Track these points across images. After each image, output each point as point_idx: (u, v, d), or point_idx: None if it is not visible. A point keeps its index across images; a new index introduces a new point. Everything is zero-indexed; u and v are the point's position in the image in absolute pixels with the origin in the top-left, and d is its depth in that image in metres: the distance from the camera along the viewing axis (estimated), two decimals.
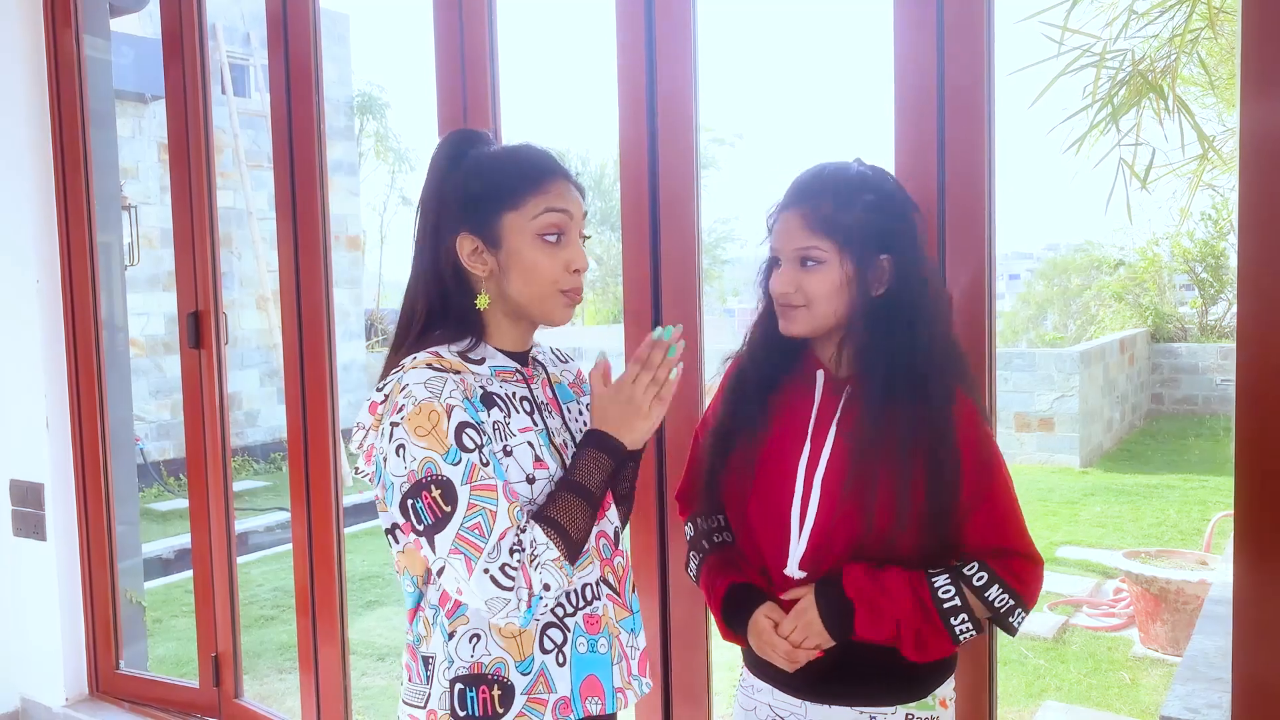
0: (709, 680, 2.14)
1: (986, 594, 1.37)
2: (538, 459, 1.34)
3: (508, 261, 1.33)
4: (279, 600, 5.78)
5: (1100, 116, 4.03)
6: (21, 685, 3.31)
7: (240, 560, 3.08)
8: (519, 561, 1.24)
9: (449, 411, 1.25)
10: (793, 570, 1.42)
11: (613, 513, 1.39)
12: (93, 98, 3.13)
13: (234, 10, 10.78)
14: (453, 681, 1.33)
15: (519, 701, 1.32)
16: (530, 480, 1.32)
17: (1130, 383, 10.92)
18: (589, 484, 1.31)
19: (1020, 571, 1.39)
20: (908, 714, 1.41)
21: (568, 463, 1.35)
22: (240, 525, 6.51)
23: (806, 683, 1.44)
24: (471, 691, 1.32)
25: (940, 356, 1.40)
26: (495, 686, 1.32)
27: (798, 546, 1.41)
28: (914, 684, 1.43)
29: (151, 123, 9.89)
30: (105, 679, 3.22)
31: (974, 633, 1.38)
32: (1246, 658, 1.52)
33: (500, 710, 1.31)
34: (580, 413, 1.48)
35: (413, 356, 1.32)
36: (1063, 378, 9.25)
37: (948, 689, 1.46)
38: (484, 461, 1.25)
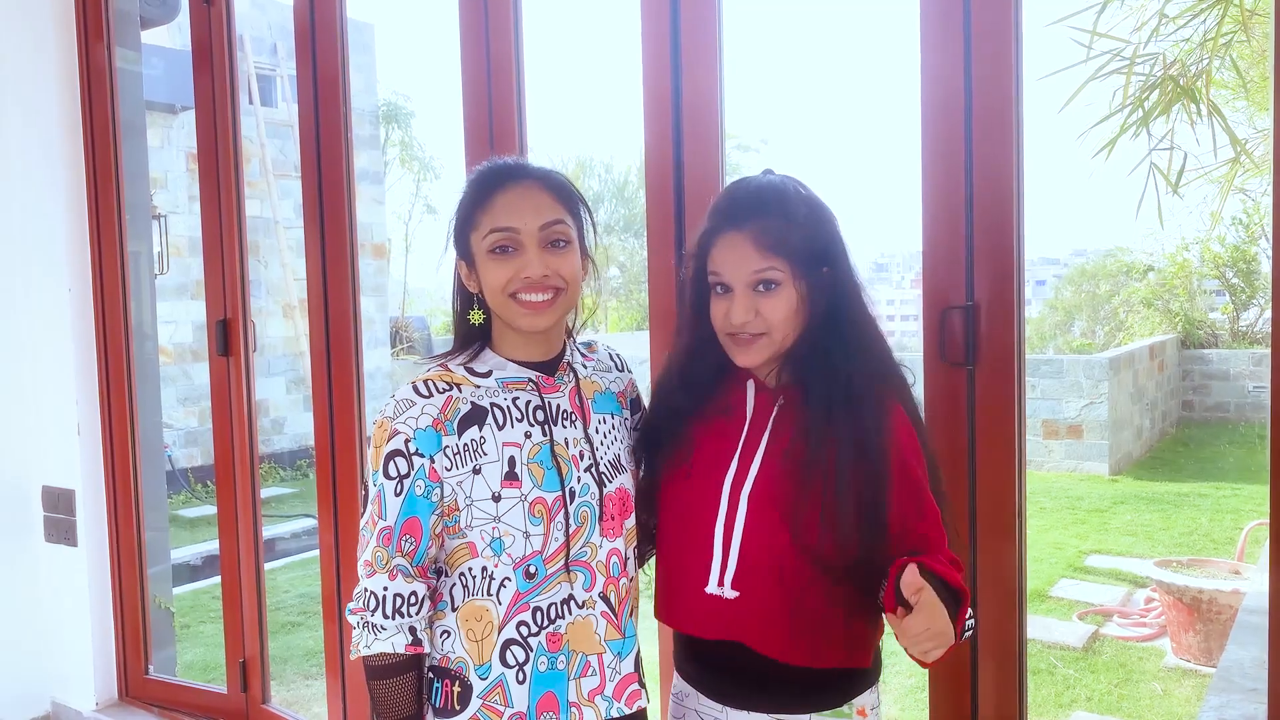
0: None
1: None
2: (511, 476, 1.38)
3: (480, 278, 1.42)
4: (305, 606, 5.80)
5: (1131, 120, 3.97)
6: (52, 689, 3.35)
7: (267, 566, 3.09)
8: (358, 602, 1.39)
9: (392, 436, 1.36)
10: (715, 588, 1.37)
11: (630, 537, 1.46)
12: (124, 109, 3.17)
13: (261, 21, 10.88)
14: (426, 669, 1.46)
15: (475, 704, 1.40)
16: (496, 498, 1.38)
17: (1160, 389, 10.78)
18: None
19: (960, 574, 1.32)
20: None
21: (567, 472, 1.41)
22: (267, 532, 6.54)
23: (725, 688, 1.42)
24: (437, 683, 1.43)
25: (878, 368, 1.38)
26: (456, 683, 1.41)
27: (728, 562, 1.36)
28: (829, 693, 1.40)
29: (180, 133, 9.99)
30: (134, 684, 3.25)
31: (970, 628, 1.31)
32: None
33: (458, 707, 1.40)
34: (616, 426, 1.51)
35: (427, 368, 1.44)
36: (1091, 385, 9.14)
37: (868, 699, 1.42)
38: (397, 493, 1.36)
